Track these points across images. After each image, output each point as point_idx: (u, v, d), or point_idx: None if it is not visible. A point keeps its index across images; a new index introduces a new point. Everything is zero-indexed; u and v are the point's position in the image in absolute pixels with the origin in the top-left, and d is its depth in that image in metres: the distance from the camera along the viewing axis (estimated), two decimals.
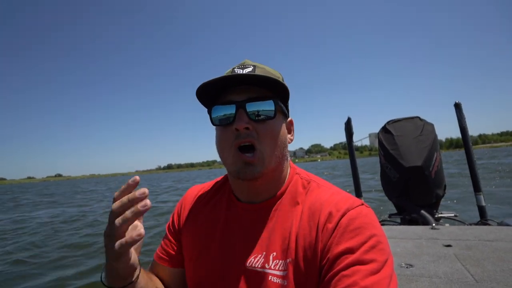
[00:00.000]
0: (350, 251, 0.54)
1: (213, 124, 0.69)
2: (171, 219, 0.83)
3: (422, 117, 3.28)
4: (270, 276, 0.61)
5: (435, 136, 3.11)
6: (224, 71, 0.71)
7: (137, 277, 0.61)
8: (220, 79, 0.63)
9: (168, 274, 0.78)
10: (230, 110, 0.65)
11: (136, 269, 0.59)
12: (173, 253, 0.79)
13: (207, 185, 0.85)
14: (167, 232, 0.82)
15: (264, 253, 0.64)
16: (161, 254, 0.80)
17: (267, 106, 0.65)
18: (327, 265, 0.56)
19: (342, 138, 4.08)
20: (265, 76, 0.62)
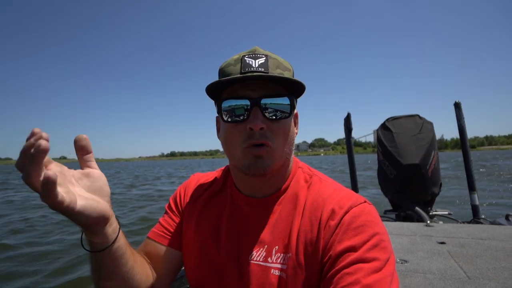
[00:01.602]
0: (353, 249, 0.54)
1: (223, 120, 0.64)
2: (171, 200, 0.81)
3: (422, 115, 3.28)
4: (272, 270, 0.61)
5: (434, 135, 3.12)
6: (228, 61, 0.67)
7: (118, 231, 0.57)
8: (238, 79, 0.59)
9: (162, 254, 0.74)
10: (243, 106, 0.61)
11: (108, 220, 0.54)
12: (172, 231, 0.76)
13: (210, 175, 0.83)
14: (168, 211, 0.80)
15: (266, 246, 0.64)
16: (158, 231, 0.76)
17: (283, 104, 0.62)
18: (329, 262, 0.55)
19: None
20: (286, 78, 0.59)
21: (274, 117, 0.61)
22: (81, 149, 0.53)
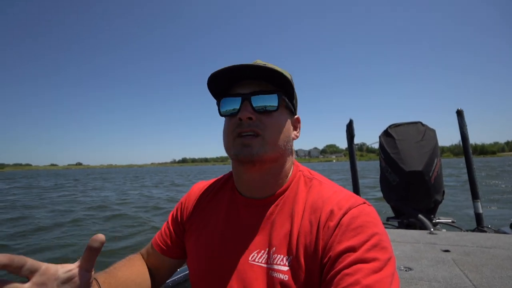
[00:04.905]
0: (352, 249, 0.54)
1: (221, 115, 0.72)
2: (175, 210, 0.86)
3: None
4: (270, 271, 0.61)
5: (436, 142, 3.10)
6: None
7: None
8: (227, 69, 0.65)
9: (159, 260, 0.83)
10: (236, 102, 0.68)
11: None
12: (170, 243, 0.82)
13: (212, 181, 0.87)
14: (169, 222, 0.85)
15: (267, 249, 0.64)
16: (158, 241, 0.84)
17: (271, 99, 0.67)
18: (329, 263, 0.55)
19: (358, 140, 4.08)
20: (270, 68, 0.64)
21: (263, 110, 0.67)
22: (93, 251, 0.53)
